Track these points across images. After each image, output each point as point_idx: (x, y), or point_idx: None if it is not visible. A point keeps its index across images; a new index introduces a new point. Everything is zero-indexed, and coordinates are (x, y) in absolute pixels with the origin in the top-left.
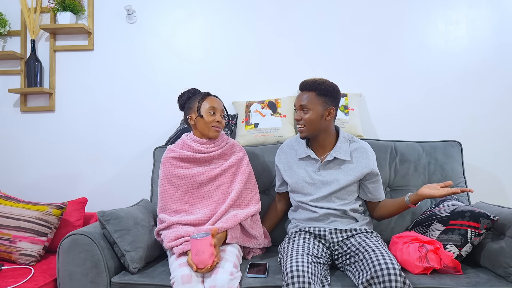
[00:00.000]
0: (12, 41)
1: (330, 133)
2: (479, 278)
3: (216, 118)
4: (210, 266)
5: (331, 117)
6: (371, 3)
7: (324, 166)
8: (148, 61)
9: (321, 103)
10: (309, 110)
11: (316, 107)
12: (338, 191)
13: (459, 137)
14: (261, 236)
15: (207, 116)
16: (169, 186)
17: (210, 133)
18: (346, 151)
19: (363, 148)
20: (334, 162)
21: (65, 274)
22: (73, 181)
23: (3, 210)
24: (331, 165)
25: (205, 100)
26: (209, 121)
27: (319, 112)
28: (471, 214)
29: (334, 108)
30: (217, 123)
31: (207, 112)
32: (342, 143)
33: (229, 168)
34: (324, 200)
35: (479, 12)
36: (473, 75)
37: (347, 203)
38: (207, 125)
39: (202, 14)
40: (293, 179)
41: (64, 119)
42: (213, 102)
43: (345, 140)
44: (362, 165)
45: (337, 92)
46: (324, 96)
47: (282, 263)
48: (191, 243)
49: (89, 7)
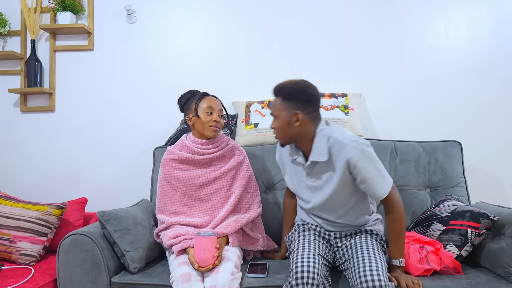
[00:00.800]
0: (12, 41)
1: (309, 137)
2: (479, 279)
3: (213, 118)
4: (212, 267)
5: (300, 123)
6: (371, 3)
7: (311, 171)
8: (148, 61)
9: (285, 109)
10: (276, 117)
11: (281, 113)
12: (331, 198)
13: (459, 137)
14: (263, 238)
15: (204, 115)
16: (168, 187)
17: (207, 133)
18: (323, 151)
19: (339, 142)
20: (319, 165)
21: (65, 274)
22: (73, 181)
23: (3, 210)
24: (317, 169)
25: (202, 100)
26: (206, 121)
27: (285, 119)
28: (471, 214)
29: (301, 112)
30: (214, 123)
31: (204, 111)
32: (320, 143)
33: (229, 171)
34: (322, 211)
35: (479, 12)
36: (473, 75)
37: (350, 207)
38: (204, 125)
39: (202, 14)
40: (288, 179)
41: (64, 119)
42: (210, 102)
43: (324, 138)
44: (341, 161)
45: (303, 93)
46: (288, 101)
47: (291, 258)
48: (196, 240)
49: (89, 7)
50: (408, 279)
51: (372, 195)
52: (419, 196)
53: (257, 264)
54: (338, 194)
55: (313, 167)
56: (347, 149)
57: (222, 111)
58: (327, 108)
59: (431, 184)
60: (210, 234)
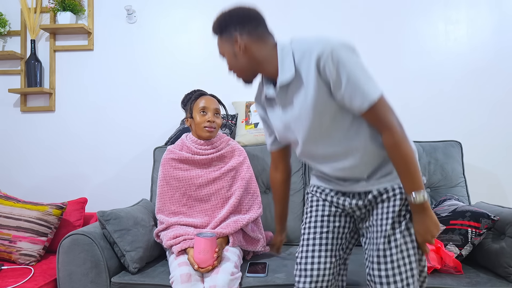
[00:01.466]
0: (12, 41)
1: (269, 60)
2: (480, 278)
3: (207, 118)
4: (211, 268)
5: (244, 47)
6: (371, 3)
7: (285, 100)
8: (148, 61)
9: (225, 42)
10: (224, 56)
11: (224, 49)
12: (313, 124)
13: (459, 137)
14: (263, 238)
15: (198, 116)
16: (168, 187)
17: (202, 134)
18: (289, 66)
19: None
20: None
21: (65, 274)
22: (73, 181)
23: (3, 210)
24: (290, 96)
25: (197, 100)
26: (200, 122)
27: (230, 52)
28: (472, 214)
29: (239, 37)
30: (208, 123)
31: (198, 112)
32: (284, 60)
33: (229, 171)
34: (317, 155)
35: (479, 12)
36: (473, 75)
37: (347, 135)
38: (198, 126)
39: (202, 14)
40: (275, 131)
41: (64, 119)
42: (204, 102)
43: (288, 53)
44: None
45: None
46: (224, 33)
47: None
48: (195, 241)
49: (89, 7)
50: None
51: (351, 104)
52: None
53: (257, 264)
54: (320, 116)
55: (285, 95)
56: (313, 49)
57: (218, 110)
58: None
59: (431, 184)
60: (209, 235)
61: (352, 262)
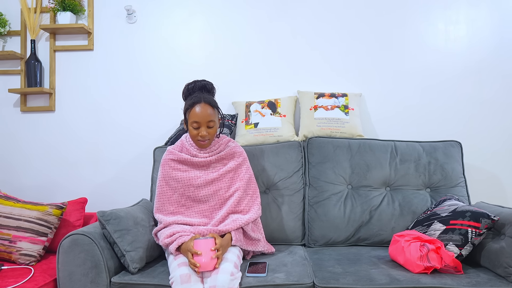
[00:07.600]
0: (12, 41)
1: None
2: (480, 278)
3: (200, 132)
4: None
5: None
6: (371, 3)
7: None
8: (148, 61)
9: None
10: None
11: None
12: None
13: (459, 137)
14: (263, 239)
15: (191, 129)
16: (167, 188)
17: (197, 145)
18: None
19: None
20: None
21: (65, 274)
22: (73, 181)
23: (3, 210)
24: None
25: (191, 112)
26: (193, 135)
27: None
28: (472, 214)
29: None
30: (201, 137)
31: (190, 125)
32: None
33: (227, 173)
34: None
35: (479, 12)
36: (473, 74)
37: None
38: (192, 138)
39: (202, 14)
40: None
41: (64, 119)
42: (195, 116)
43: None
44: None
45: None
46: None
47: None
48: (194, 244)
49: (89, 7)
50: None
51: None
52: (419, 196)
53: (257, 264)
54: None
55: None
56: None
57: (211, 121)
58: (327, 108)
59: (431, 184)
60: (207, 237)
61: (354, 262)
